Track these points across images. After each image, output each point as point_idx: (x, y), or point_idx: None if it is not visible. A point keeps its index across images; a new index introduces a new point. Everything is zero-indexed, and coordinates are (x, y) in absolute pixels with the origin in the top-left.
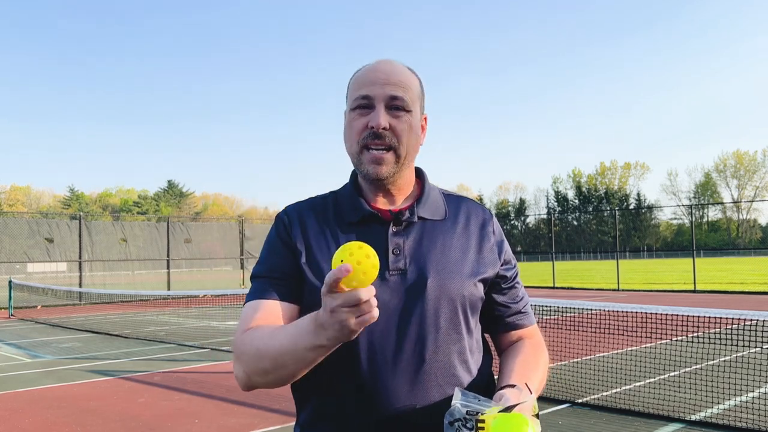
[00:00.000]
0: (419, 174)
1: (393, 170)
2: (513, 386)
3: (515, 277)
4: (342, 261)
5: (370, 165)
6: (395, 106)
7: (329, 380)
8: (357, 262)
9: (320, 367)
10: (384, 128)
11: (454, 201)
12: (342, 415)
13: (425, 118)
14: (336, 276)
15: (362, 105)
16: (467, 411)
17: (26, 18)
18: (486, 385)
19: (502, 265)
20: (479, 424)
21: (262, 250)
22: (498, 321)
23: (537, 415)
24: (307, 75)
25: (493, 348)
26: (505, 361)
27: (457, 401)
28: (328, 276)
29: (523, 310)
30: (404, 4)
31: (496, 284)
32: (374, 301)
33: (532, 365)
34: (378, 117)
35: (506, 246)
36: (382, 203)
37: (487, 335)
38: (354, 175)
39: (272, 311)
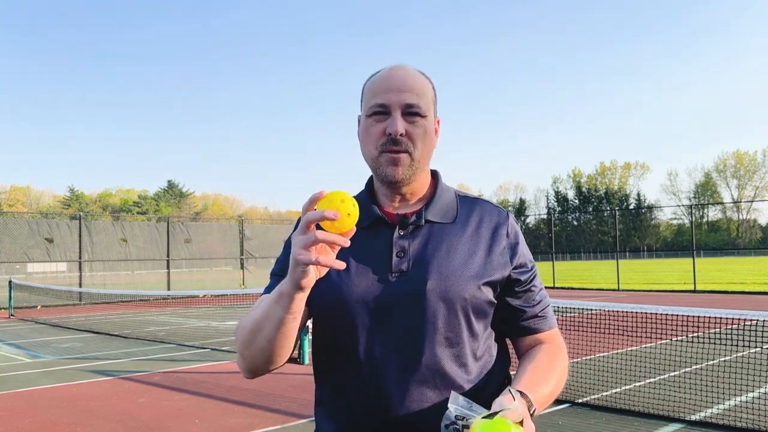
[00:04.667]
0: (434, 176)
1: (409, 173)
2: (520, 392)
3: (531, 281)
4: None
5: (387, 167)
6: (411, 112)
7: (336, 377)
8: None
9: (328, 364)
10: (401, 134)
11: (468, 204)
12: (347, 410)
13: (438, 121)
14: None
15: (378, 112)
16: (456, 416)
17: (26, 19)
18: (498, 390)
19: (514, 269)
20: (464, 430)
21: (282, 251)
22: (513, 325)
23: (521, 423)
24: (308, 75)
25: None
26: (519, 366)
27: (452, 405)
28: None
29: (540, 314)
30: (404, 3)
31: (509, 288)
32: (323, 236)
33: (543, 371)
34: (395, 124)
35: (521, 249)
36: (394, 207)
37: (508, 340)
38: (369, 183)
39: None
